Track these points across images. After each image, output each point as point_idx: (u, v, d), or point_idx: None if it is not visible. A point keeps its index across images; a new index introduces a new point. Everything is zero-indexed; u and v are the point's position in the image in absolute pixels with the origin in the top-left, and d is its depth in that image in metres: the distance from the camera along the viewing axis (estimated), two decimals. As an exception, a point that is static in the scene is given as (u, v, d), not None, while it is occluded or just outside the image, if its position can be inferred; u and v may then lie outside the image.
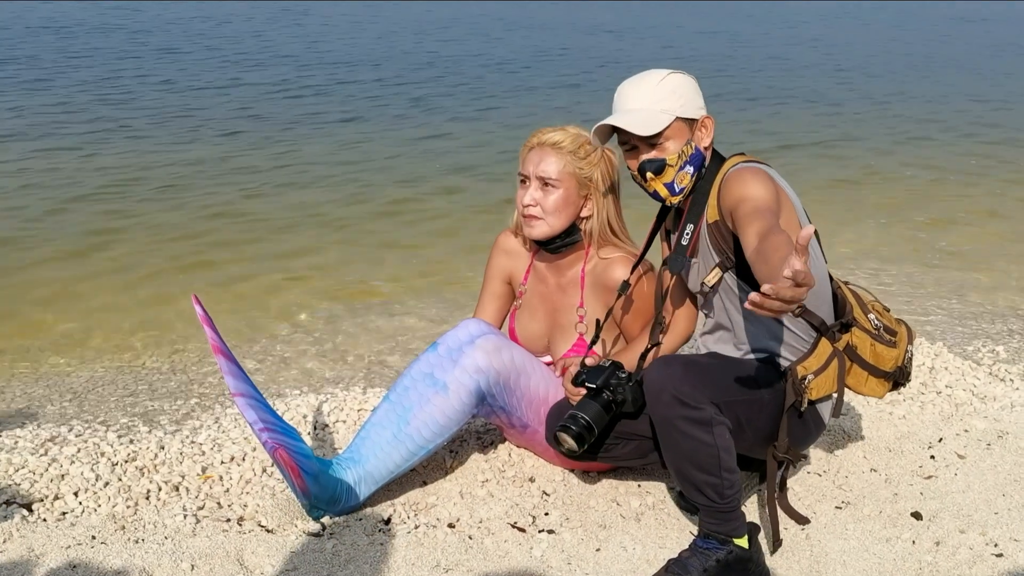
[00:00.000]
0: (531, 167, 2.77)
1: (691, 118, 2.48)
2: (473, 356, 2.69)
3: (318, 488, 2.59)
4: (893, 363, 2.71)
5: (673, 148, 2.46)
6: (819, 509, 2.83)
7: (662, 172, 2.48)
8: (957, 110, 12.59)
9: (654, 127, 2.43)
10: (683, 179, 2.50)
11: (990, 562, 2.57)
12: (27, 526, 2.57)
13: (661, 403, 2.34)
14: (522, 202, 2.79)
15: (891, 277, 5.81)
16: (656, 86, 2.46)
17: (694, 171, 2.50)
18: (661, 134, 2.44)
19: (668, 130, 2.45)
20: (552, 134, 2.77)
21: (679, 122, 2.46)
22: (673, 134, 2.46)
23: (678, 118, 2.46)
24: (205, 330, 2.50)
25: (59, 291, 5.19)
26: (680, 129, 2.47)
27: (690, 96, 2.49)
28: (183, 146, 8.89)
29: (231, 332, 4.66)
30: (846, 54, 20.04)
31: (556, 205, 2.76)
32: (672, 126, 2.45)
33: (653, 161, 2.47)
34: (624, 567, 2.52)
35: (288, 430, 2.63)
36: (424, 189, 7.65)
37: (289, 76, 13.85)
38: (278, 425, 2.58)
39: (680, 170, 2.49)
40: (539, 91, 13.28)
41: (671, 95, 2.46)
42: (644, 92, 2.47)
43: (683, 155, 2.47)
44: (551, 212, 2.76)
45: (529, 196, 2.77)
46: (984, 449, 3.24)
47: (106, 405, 3.86)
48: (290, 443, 2.56)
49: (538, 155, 2.77)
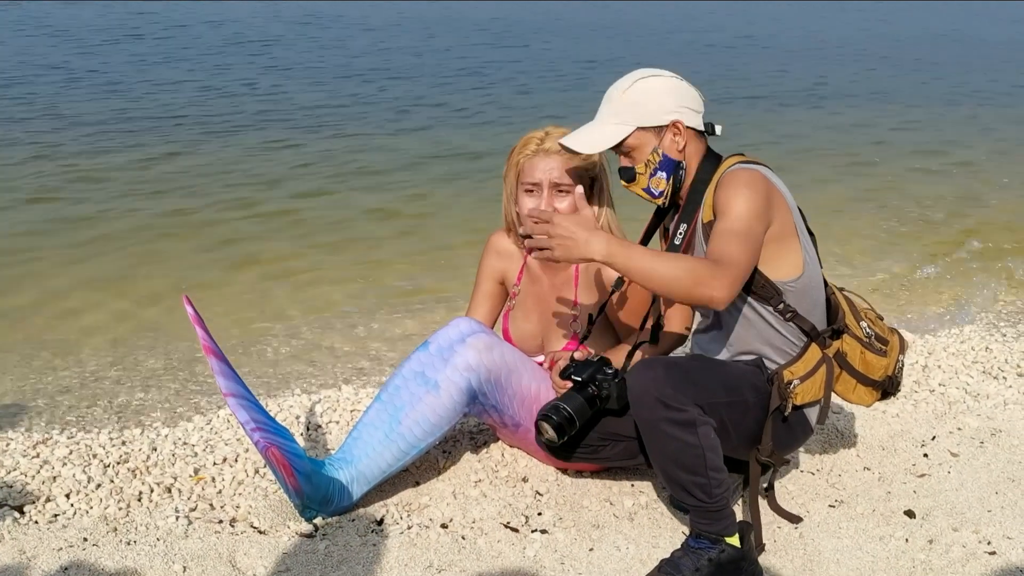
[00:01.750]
0: (541, 175, 2.77)
1: (656, 125, 2.48)
2: (464, 354, 2.69)
3: (311, 488, 2.59)
4: (883, 372, 2.71)
5: (639, 157, 2.50)
6: (812, 507, 2.83)
7: (633, 180, 2.52)
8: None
9: (598, 145, 2.50)
10: (659, 184, 2.52)
11: (983, 560, 2.57)
12: (18, 528, 2.56)
13: (644, 406, 2.33)
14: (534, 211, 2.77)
15: (884, 272, 5.84)
16: (620, 95, 2.49)
17: (668, 176, 2.51)
18: (622, 144, 2.48)
19: (630, 140, 2.48)
20: (551, 140, 2.76)
21: (641, 132, 2.48)
22: (636, 143, 2.48)
23: (638, 128, 2.47)
24: (196, 330, 2.50)
25: (51, 292, 5.17)
26: (643, 137, 2.48)
27: (656, 104, 2.48)
28: (188, 146, 8.88)
29: (224, 332, 4.65)
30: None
31: (570, 209, 2.76)
32: (633, 136, 2.48)
33: (625, 170, 2.53)
34: (617, 567, 2.52)
35: (280, 430, 2.63)
36: (420, 190, 7.65)
37: (283, 81, 13.83)
38: (270, 425, 2.58)
39: (652, 176, 2.51)
40: (538, 91, 13.28)
41: (633, 105, 2.47)
42: (610, 102, 2.51)
43: (650, 163, 2.50)
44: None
45: (545, 204, 2.77)
46: (977, 447, 3.25)
47: (98, 407, 3.86)
48: (282, 443, 2.55)
49: (545, 162, 2.76)
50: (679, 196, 2.56)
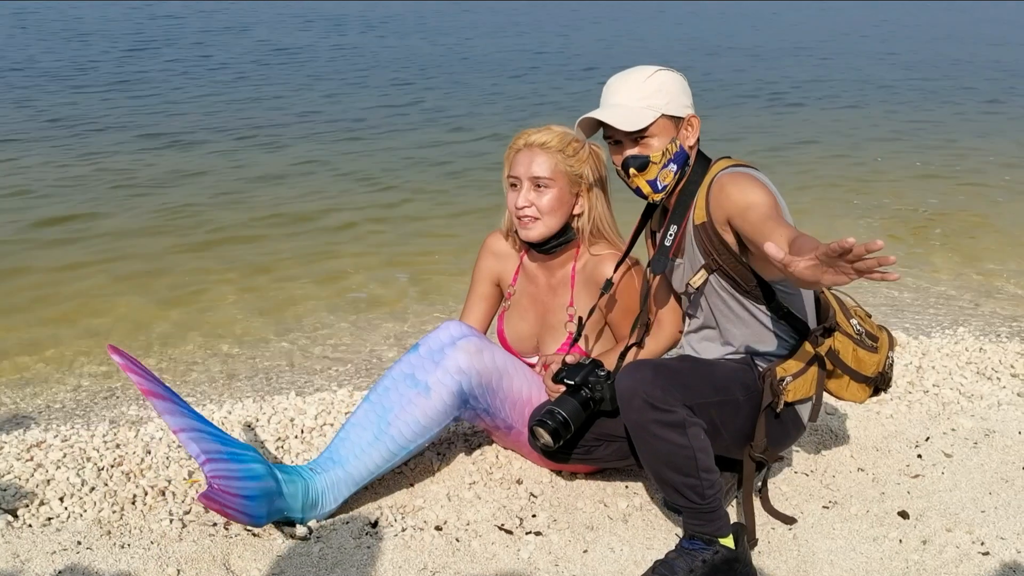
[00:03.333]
0: (521, 169, 2.77)
1: (677, 116, 2.48)
2: (455, 357, 2.68)
3: (277, 504, 2.53)
4: (875, 368, 2.72)
5: (657, 145, 2.46)
6: (806, 508, 2.84)
7: (645, 169, 2.48)
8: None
9: (637, 123, 2.43)
10: (666, 177, 2.50)
11: (977, 560, 2.57)
12: (12, 532, 2.55)
13: (633, 408, 2.33)
14: (515, 205, 2.78)
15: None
16: (643, 82, 2.46)
17: (677, 169, 2.50)
18: (645, 130, 2.44)
19: (653, 127, 2.44)
20: (539, 134, 2.76)
21: (664, 119, 2.46)
22: (658, 131, 2.45)
23: (663, 115, 2.45)
24: (131, 377, 2.40)
25: (44, 296, 5.17)
26: (665, 127, 2.46)
27: (676, 94, 2.48)
28: (168, 150, 8.88)
29: (220, 334, 4.66)
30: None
31: (551, 205, 2.76)
32: (657, 123, 2.44)
33: (637, 158, 2.47)
34: (611, 568, 2.52)
35: (236, 454, 2.50)
36: (414, 191, 7.65)
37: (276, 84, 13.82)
38: (224, 451, 2.47)
39: (663, 168, 2.48)
40: (531, 91, 13.29)
41: (657, 92, 2.46)
42: (631, 87, 2.47)
43: (667, 153, 2.47)
44: (547, 212, 2.76)
45: (523, 198, 2.76)
46: (971, 448, 3.25)
47: (92, 410, 3.85)
48: (234, 470, 2.45)
49: (527, 156, 2.76)
50: (671, 197, 2.56)
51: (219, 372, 4.30)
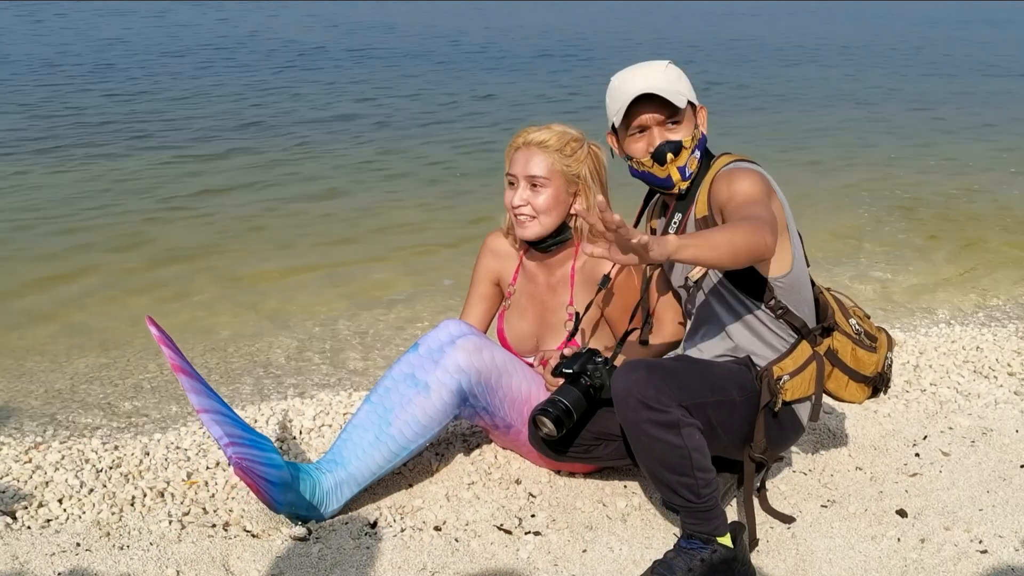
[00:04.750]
0: (518, 168, 2.77)
1: (695, 104, 2.53)
2: (454, 356, 2.69)
3: (290, 497, 2.57)
4: (874, 368, 2.72)
5: (685, 131, 2.50)
6: (804, 507, 2.84)
7: (678, 154, 2.50)
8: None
9: (681, 102, 2.47)
10: (692, 163, 2.53)
11: (975, 559, 2.58)
12: (11, 534, 2.55)
13: (627, 408, 2.33)
14: (512, 203, 2.79)
15: (881, 270, 5.85)
16: (664, 71, 2.50)
17: (700, 156, 2.53)
18: (678, 113, 2.47)
19: (683, 112, 2.49)
20: (537, 133, 2.77)
21: (688, 107, 2.50)
22: (685, 117, 2.50)
23: (689, 102, 2.50)
24: (163, 350, 2.45)
25: (42, 296, 5.16)
26: (689, 114, 2.51)
27: (690, 84, 2.54)
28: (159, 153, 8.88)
29: (218, 335, 4.65)
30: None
31: (547, 204, 2.76)
32: (686, 108, 2.49)
33: (672, 143, 2.49)
34: (610, 568, 2.52)
35: (257, 442, 2.57)
36: (411, 193, 7.65)
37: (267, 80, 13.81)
38: (246, 438, 2.52)
39: (691, 154, 2.52)
40: (530, 91, 13.29)
41: (679, 79, 2.51)
42: (655, 75, 2.49)
43: (694, 138, 2.51)
44: (542, 211, 2.76)
45: (519, 197, 2.77)
46: (968, 446, 3.26)
47: (90, 412, 3.85)
48: (257, 455, 2.50)
49: (524, 155, 2.77)
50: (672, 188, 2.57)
51: (218, 372, 4.30)
